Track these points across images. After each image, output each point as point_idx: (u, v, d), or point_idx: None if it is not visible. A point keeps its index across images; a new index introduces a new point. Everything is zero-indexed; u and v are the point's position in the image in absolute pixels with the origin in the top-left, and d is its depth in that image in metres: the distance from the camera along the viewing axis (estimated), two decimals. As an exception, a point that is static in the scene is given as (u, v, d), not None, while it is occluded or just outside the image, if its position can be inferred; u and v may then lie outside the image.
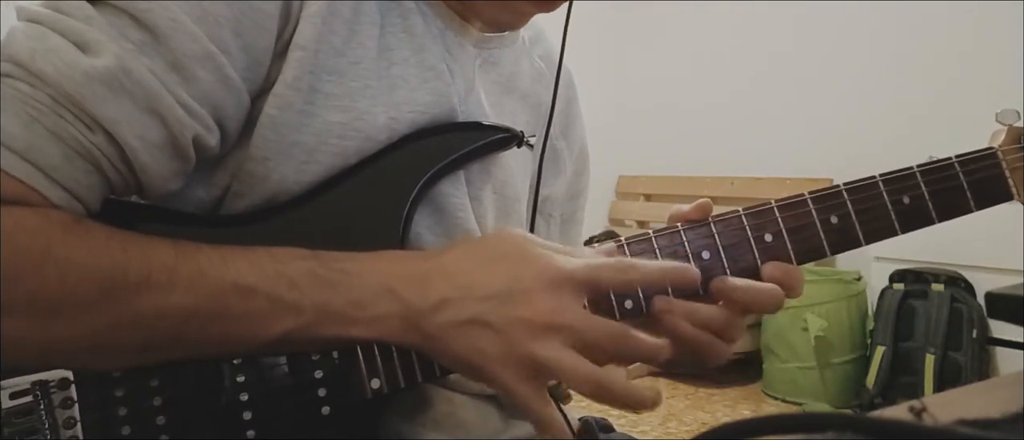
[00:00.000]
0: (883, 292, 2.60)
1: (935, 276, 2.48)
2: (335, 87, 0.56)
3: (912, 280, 2.54)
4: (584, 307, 0.52)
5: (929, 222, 0.60)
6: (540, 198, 0.75)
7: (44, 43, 0.47)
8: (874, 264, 2.69)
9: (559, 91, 0.75)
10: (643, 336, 0.51)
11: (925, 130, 2.51)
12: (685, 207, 0.59)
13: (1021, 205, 0.64)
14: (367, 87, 0.58)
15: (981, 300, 2.36)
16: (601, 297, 0.55)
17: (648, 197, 3.72)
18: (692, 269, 0.54)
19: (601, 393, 0.50)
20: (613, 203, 3.86)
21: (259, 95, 0.55)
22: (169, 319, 0.48)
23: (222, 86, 0.52)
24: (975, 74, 2.49)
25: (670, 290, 0.56)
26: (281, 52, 0.55)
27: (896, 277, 2.58)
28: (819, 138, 2.98)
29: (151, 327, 0.48)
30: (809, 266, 2.93)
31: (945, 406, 0.40)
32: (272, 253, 0.51)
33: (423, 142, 0.59)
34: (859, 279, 2.71)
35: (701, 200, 0.59)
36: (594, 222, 3.82)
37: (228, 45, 0.51)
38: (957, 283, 2.44)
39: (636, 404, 0.51)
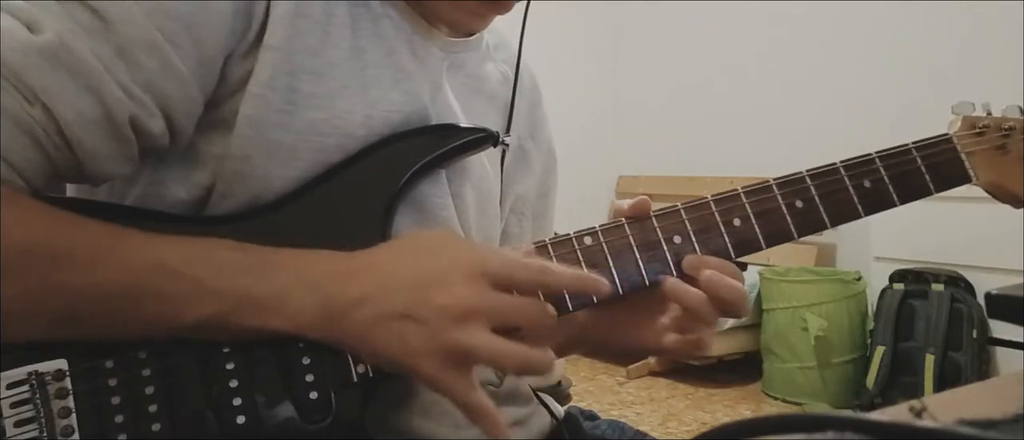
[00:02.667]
0: (883, 292, 2.59)
1: (935, 276, 2.48)
2: (314, 86, 0.58)
3: (912, 280, 2.54)
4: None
5: (891, 204, 0.64)
6: (512, 197, 0.77)
7: None
8: (874, 264, 2.69)
9: (524, 93, 0.78)
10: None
11: (927, 130, 2.50)
12: (624, 203, 0.62)
13: (982, 189, 0.68)
14: (344, 87, 0.60)
15: (981, 300, 2.36)
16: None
17: (648, 197, 3.71)
18: (603, 282, 0.56)
19: (529, 368, 0.51)
20: (613, 203, 3.86)
21: (228, 95, 0.57)
22: (87, 294, 0.49)
23: (168, 75, 0.53)
24: (977, 72, 2.50)
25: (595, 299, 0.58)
26: (247, 52, 0.57)
27: (896, 277, 2.58)
28: (820, 138, 2.97)
29: (67, 300, 0.49)
30: (809, 266, 2.93)
31: (945, 406, 0.40)
32: (203, 241, 0.52)
33: (403, 143, 0.61)
34: (859, 279, 2.70)
35: (639, 197, 0.62)
36: (594, 222, 3.80)
37: (178, 38, 0.53)
38: (957, 283, 2.44)
39: (548, 366, 0.52)
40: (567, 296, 0.57)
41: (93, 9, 0.51)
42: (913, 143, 0.66)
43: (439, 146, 0.61)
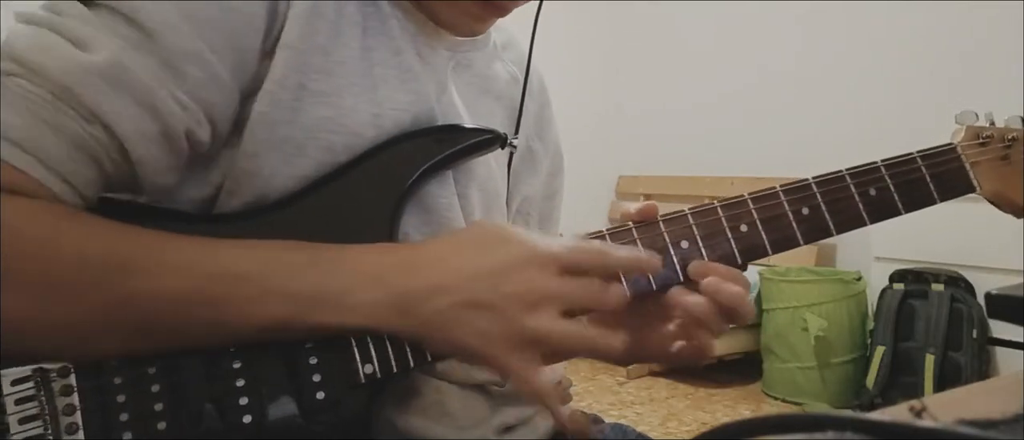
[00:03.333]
0: (883, 292, 2.60)
1: (935, 276, 2.48)
2: (322, 84, 0.58)
3: (912, 280, 2.54)
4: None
5: (896, 213, 0.64)
6: (519, 198, 0.77)
7: (42, 41, 0.49)
8: (874, 264, 2.69)
9: (533, 95, 0.78)
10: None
11: (930, 132, 2.50)
12: (632, 207, 0.61)
13: (985, 198, 0.69)
14: (352, 85, 0.60)
15: (981, 300, 2.36)
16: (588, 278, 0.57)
17: (648, 197, 3.71)
18: (658, 259, 0.58)
19: (598, 350, 0.54)
20: (613, 203, 3.86)
21: (250, 94, 0.57)
22: (161, 302, 0.49)
23: (212, 83, 0.54)
24: (980, 74, 2.50)
25: (652, 278, 0.59)
26: (269, 51, 0.57)
27: (896, 277, 2.58)
28: (820, 138, 2.97)
29: (143, 310, 0.49)
30: (809, 266, 2.93)
31: (945, 406, 0.40)
32: (266, 243, 0.53)
33: (411, 143, 0.61)
34: (859, 279, 2.70)
35: (647, 203, 0.62)
36: (594, 222, 3.82)
37: (217, 44, 0.53)
38: (957, 283, 2.44)
39: (618, 349, 0.55)
40: (624, 282, 0.58)
41: (133, 21, 0.51)
42: (918, 152, 0.65)
43: (447, 147, 0.61)
